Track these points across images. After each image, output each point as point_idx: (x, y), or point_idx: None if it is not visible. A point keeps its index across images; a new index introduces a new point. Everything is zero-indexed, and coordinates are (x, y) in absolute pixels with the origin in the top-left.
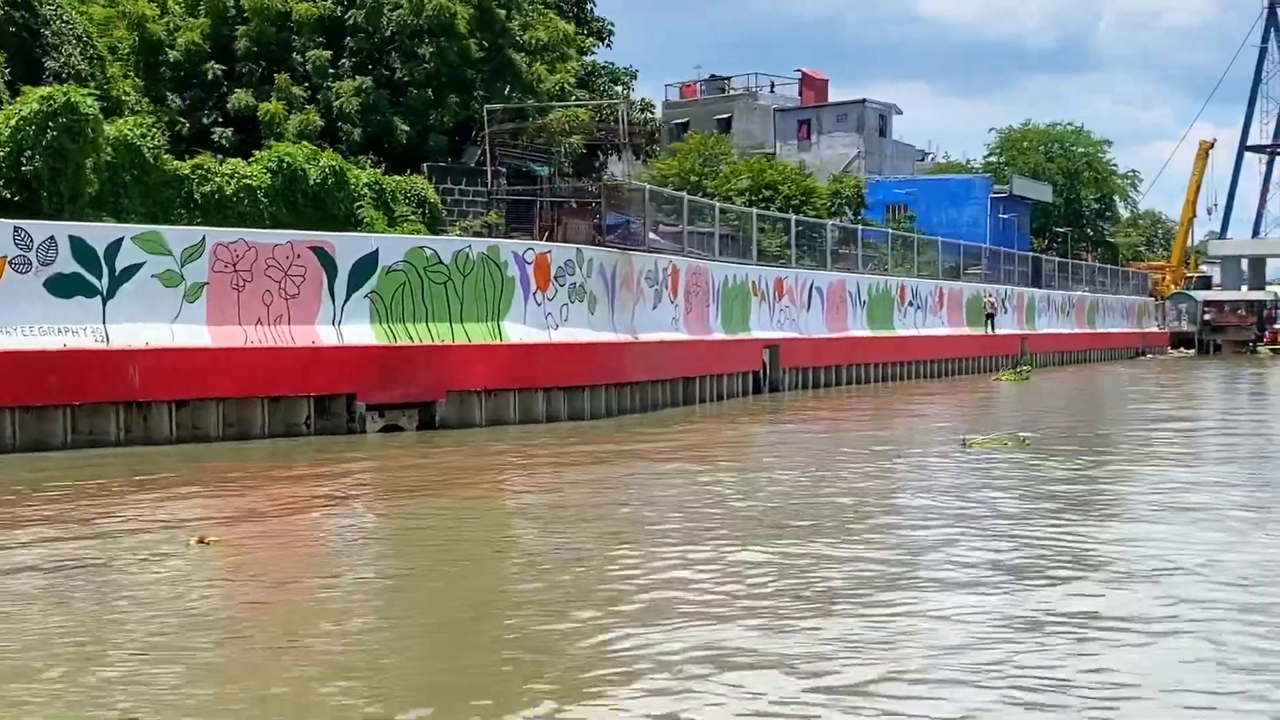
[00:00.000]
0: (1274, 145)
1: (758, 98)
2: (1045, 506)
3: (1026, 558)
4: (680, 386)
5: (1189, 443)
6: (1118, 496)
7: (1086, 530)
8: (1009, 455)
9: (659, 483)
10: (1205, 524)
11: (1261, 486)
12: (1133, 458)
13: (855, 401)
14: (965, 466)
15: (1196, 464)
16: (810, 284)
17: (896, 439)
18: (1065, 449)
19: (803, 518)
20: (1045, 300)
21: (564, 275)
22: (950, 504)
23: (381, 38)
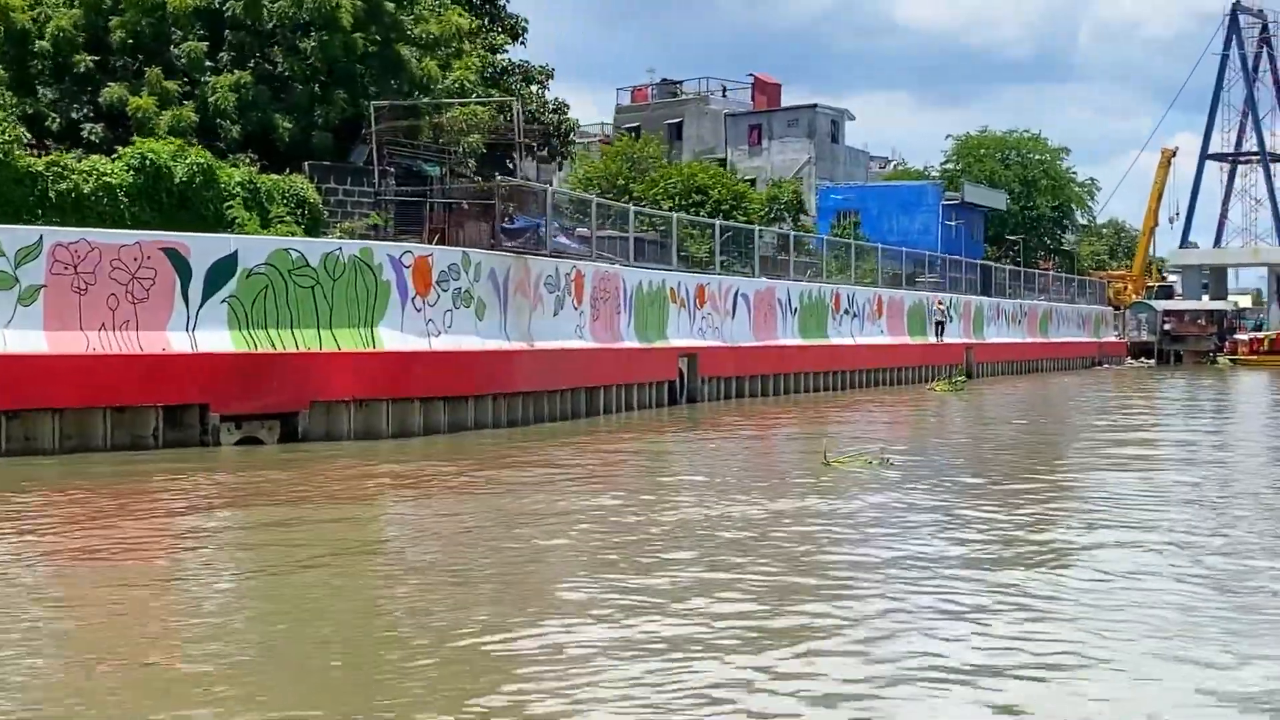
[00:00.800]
0: (1236, 154)
1: (709, 102)
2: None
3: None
4: (584, 397)
5: (1082, 480)
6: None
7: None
8: (856, 477)
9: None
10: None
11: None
12: (985, 495)
13: (768, 413)
14: (794, 493)
15: (1078, 509)
16: (736, 291)
17: (767, 456)
18: (927, 474)
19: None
20: (994, 309)
21: (447, 280)
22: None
23: (263, 31)
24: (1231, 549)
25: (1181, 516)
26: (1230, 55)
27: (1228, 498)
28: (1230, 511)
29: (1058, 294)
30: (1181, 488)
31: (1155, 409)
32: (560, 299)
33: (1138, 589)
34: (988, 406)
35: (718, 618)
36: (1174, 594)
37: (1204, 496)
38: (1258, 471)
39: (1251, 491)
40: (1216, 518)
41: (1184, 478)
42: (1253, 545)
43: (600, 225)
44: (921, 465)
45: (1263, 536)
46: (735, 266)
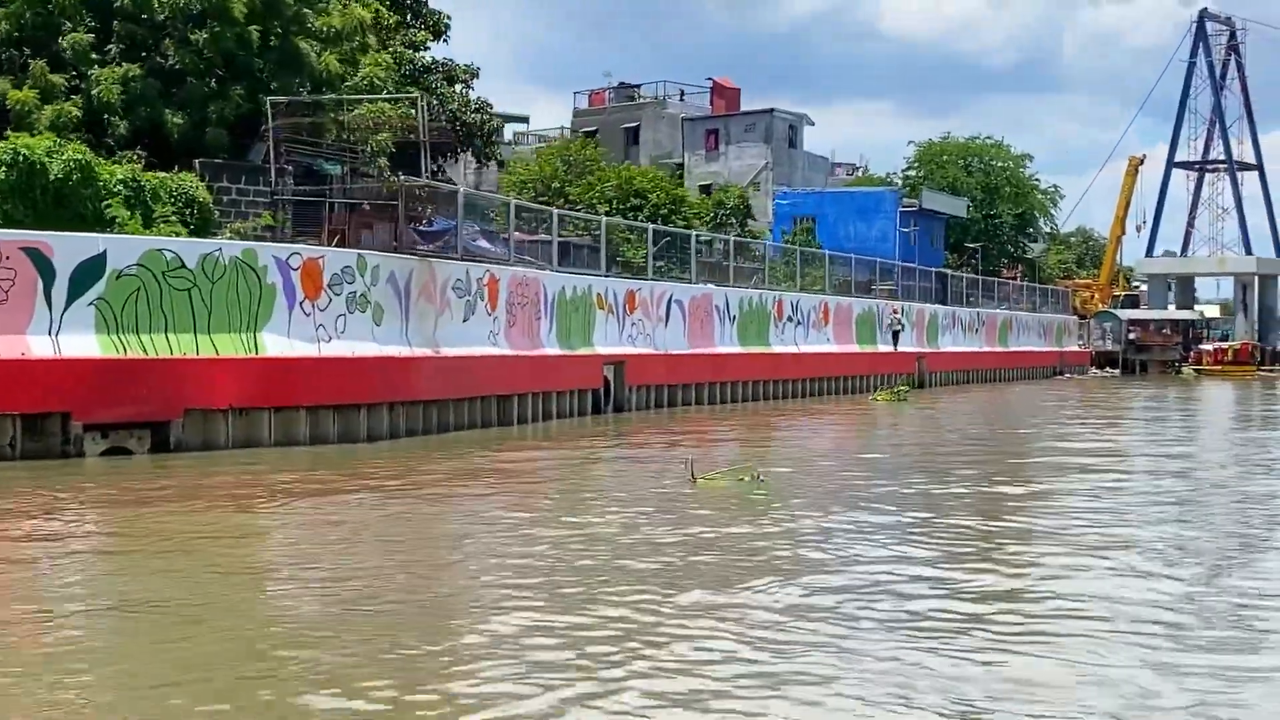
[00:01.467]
0: (1203, 162)
1: (666, 106)
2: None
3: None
4: (496, 405)
5: (967, 506)
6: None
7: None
8: (721, 497)
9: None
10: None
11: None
12: (835, 527)
13: (691, 423)
14: (634, 515)
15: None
16: (669, 297)
17: (636, 472)
18: (795, 496)
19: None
20: (950, 317)
21: (341, 283)
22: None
23: (155, 23)
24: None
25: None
26: (1197, 63)
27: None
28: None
29: (1019, 303)
30: (1074, 524)
31: (1093, 420)
32: (471, 304)
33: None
34: (922, 418)
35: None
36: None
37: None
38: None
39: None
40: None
41: (1066, 518)
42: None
43: (533, 229)
44: (798, 485)
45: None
46: (675, 272)
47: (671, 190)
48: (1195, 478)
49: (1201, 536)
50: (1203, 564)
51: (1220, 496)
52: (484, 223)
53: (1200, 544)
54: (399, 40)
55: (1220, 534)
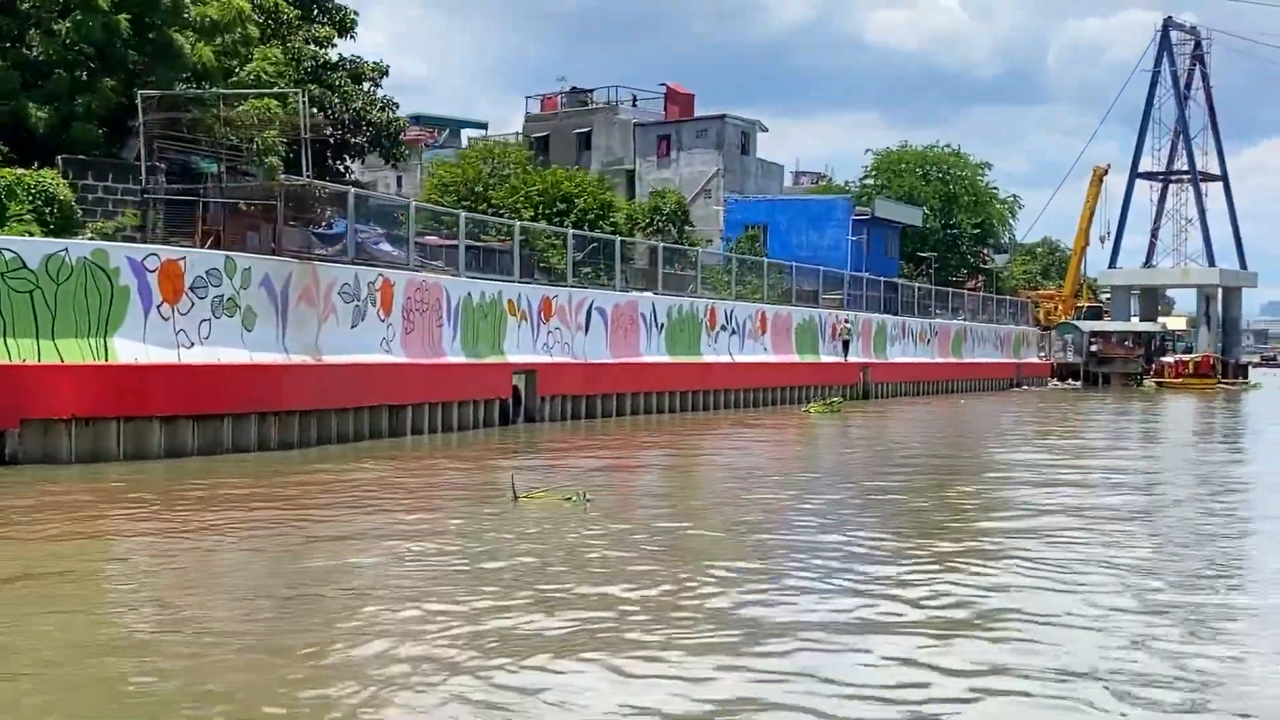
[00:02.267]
0: (1167, 173)
1: (618, 111)
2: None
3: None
4: (388, 416)
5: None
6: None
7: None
8: (537, 518)
9: None
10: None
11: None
12: (642, 553)
13: (596, 436)
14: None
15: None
16: (590, 304)
17: (482, 485)
18: (619, 519)
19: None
20: (899, 327)
21: (205, 286)
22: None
23: (19, 12)
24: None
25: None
26: (1161, 72)
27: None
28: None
29: (975, 313)
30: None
31: (1016, 436)
32: (361, 309)
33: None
34: (845, 432)
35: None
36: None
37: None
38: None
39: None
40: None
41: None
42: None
43: (449, 235)
44: (637, 506)
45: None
46: (602, 279)
47: (599, 195)
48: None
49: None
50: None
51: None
52: (391, 226)
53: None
54: (301, 35)
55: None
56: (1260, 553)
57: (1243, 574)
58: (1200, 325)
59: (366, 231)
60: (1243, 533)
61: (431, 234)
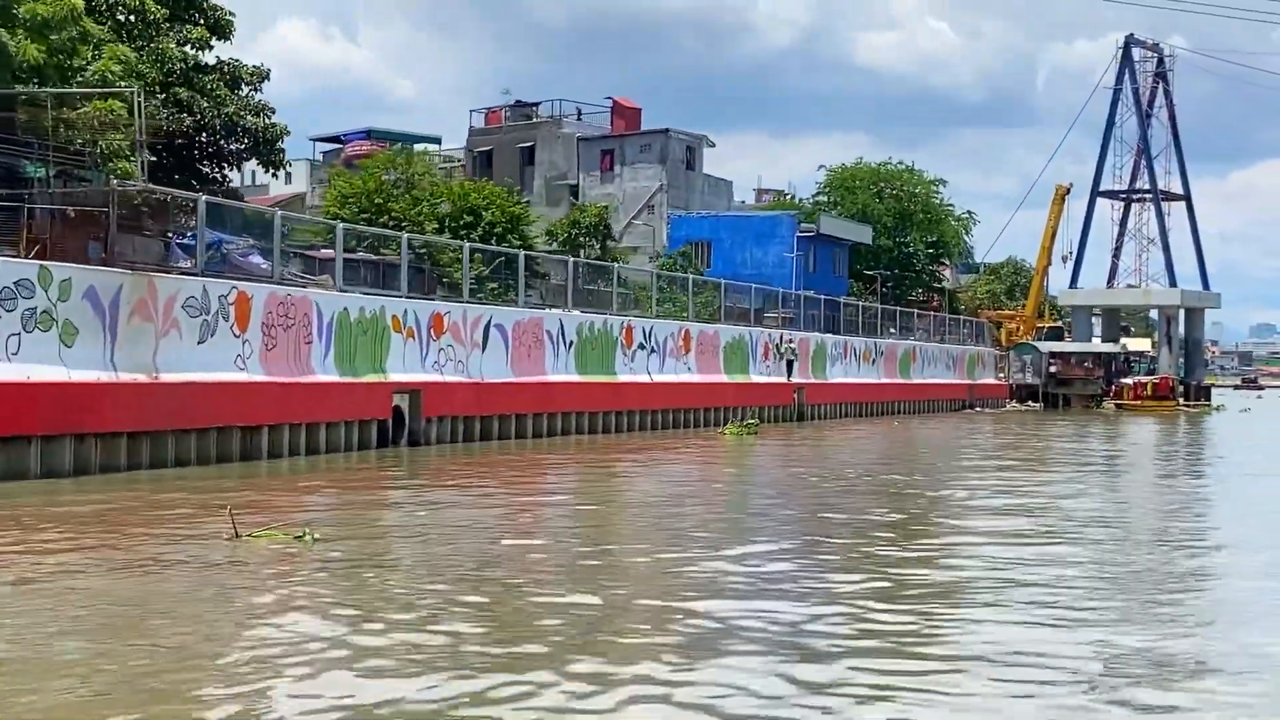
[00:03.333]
0: (1129, 192)
1: (562, 125)
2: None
3: None
4: (240, 438)
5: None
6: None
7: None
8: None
9: None
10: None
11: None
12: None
13: (473, 461)
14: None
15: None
16: (488, 321)
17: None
18: (339, 561)
19: None
20: (840, 347)
21: (14, 298)
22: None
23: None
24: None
25: None
26: (1123, 90)
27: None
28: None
29: (927, 333)
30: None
31: (937, 463)
32: (210, 325)
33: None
34: (741, 458)
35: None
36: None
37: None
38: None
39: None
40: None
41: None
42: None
43: (351, 248)
44: (371, 550)
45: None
46: (509, 294)
47: (508, 207)
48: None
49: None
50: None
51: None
52: (264, 237)
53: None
54: (172, 37)
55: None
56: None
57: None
58: (1161, 346)
59: (233, 243)
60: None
61: (327, 247)
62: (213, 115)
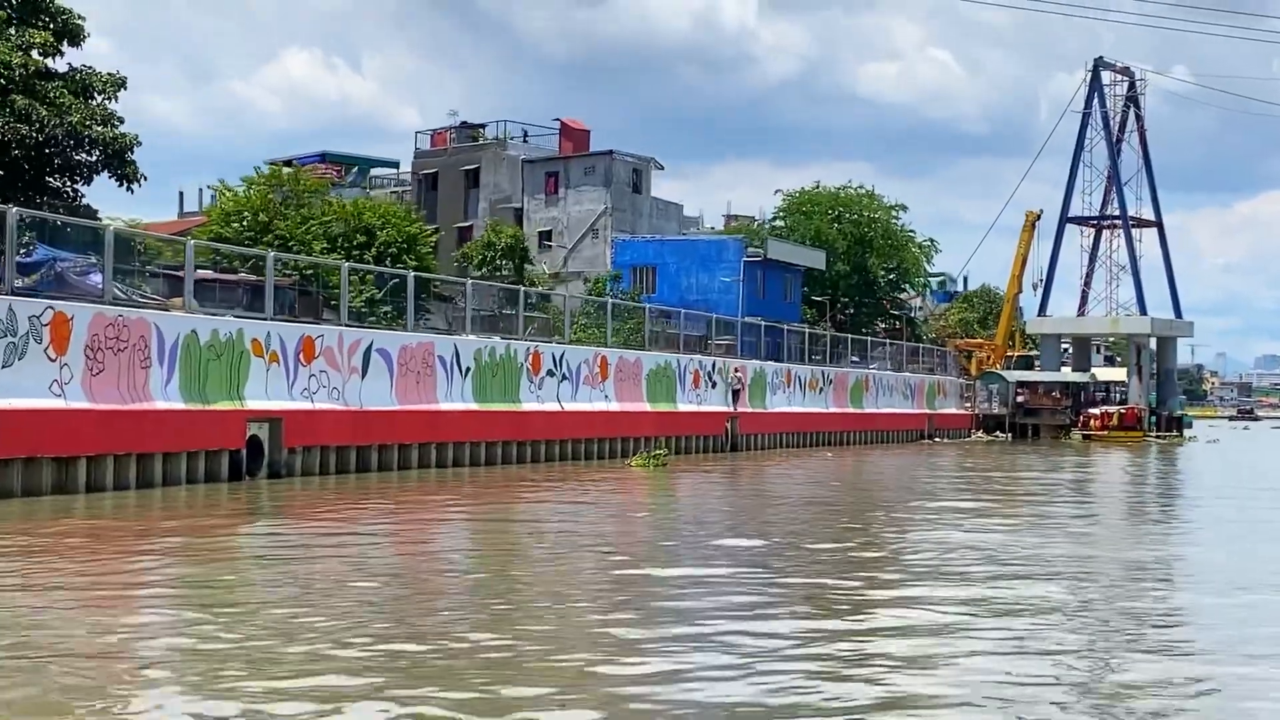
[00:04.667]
0: (1099, 218)
1: (507, 147)
2: None
3: None
4: (53, 470)
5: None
6: None
7: None
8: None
9: None
10: None
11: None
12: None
13: (311, 496)
14: None
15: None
16: (368, 345)
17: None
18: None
19: None
20: (782, 374)
21: None
22: None
23: None
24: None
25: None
26: (1092, 113)
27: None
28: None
29: (885, 361)
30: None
31: (860, 500)
32: (18, 347)
33: None
34: (632, 494)
35: None
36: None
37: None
38: None
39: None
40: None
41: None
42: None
43: (228, 269)
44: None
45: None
46: (397, 319)
47: (405, 227)
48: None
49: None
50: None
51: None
52: (128, 258)
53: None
54: (13, 41)
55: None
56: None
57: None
58: (1131, 376)
59: (68, 260)
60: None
61: (205, 267)
62: (55, 125)
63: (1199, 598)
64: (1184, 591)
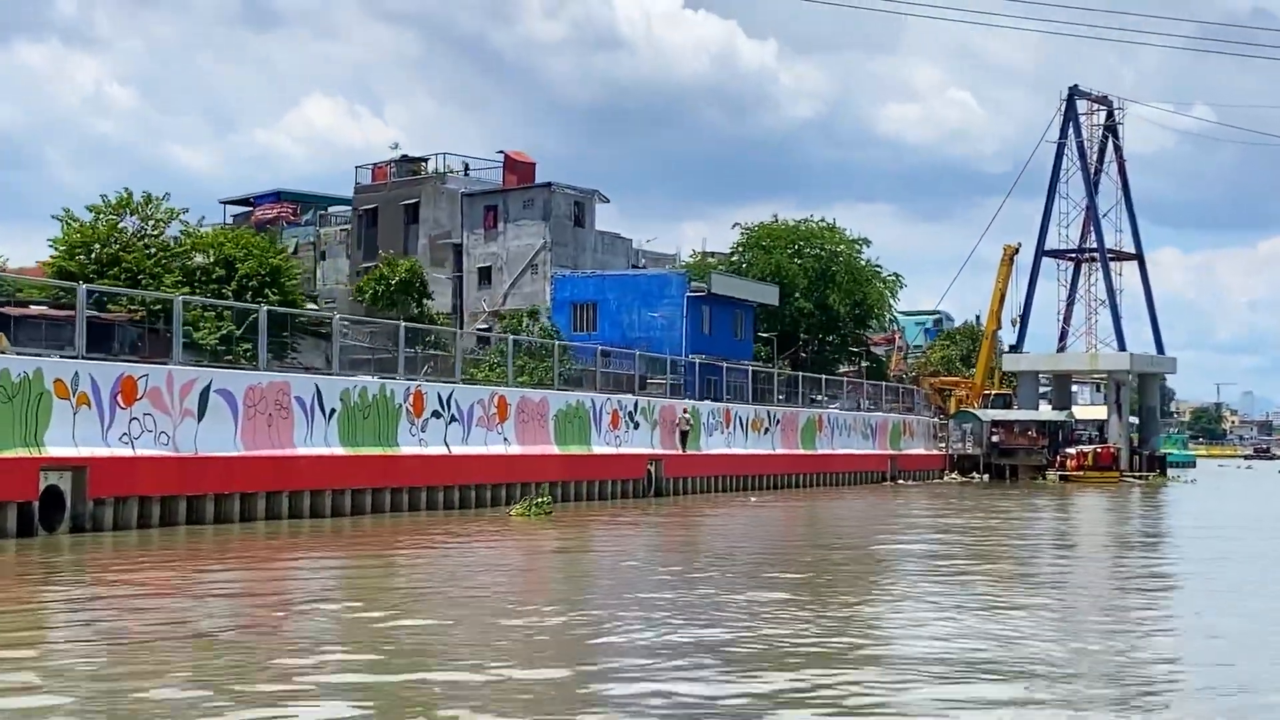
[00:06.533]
0: (1078, 250)
1: (446, 181)
2: None
3: None
4: None
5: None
6: None
7: None
8: None
9: None
10: None
11: None
12: None
13: (100, 557)
14: None
15: None
16: (206, 386)
17: None
18: None
19: None
20: (720, 414)
21: None
22: None
23: None
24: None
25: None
26: (1068, 143)
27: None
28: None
29: (848, 400)
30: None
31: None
32: None
33: None
34: (475, 552)
35: None
36: None
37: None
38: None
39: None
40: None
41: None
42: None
43: (61, 305)
44: None
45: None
46: (270, 358)
47: (267, 259)
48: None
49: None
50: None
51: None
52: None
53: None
54: None
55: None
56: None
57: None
58: (1110, 414)
59: None
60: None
61: (41, 304)
62: None
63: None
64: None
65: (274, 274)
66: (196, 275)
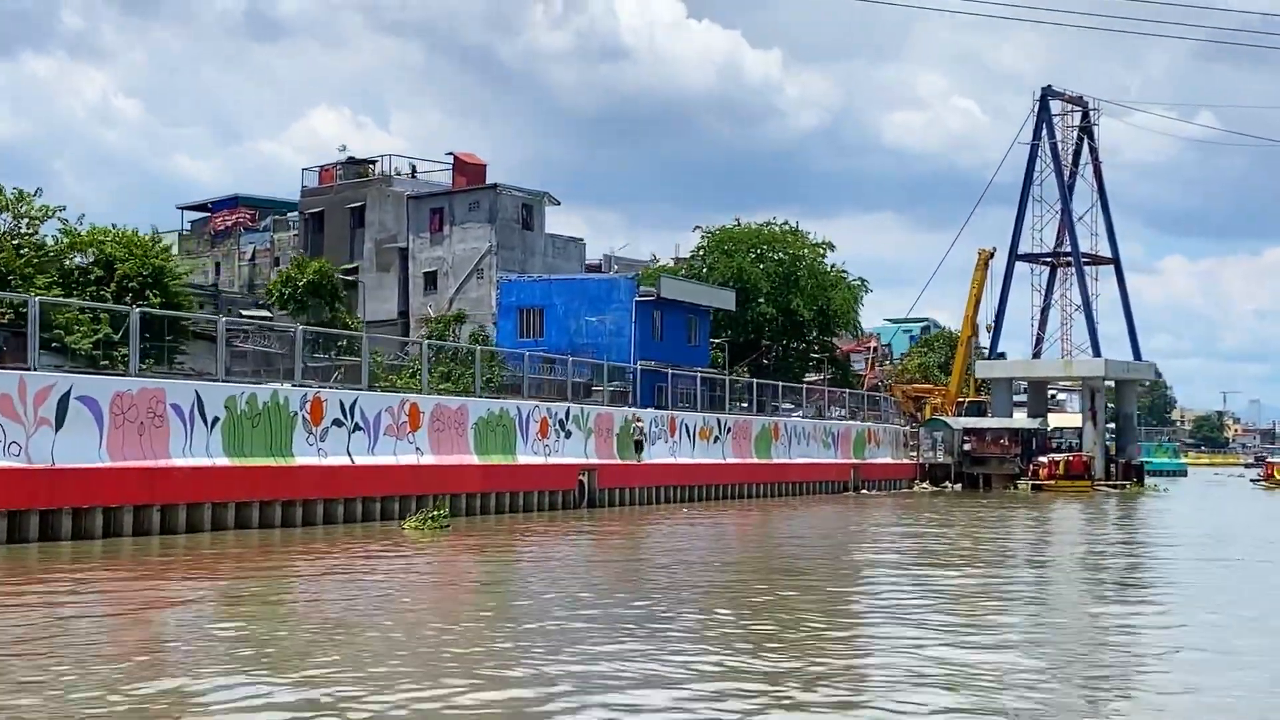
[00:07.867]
0: (1054, 254)
1: (392, 183)
2: None
3: None
4: None
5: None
6: None
7: None
8: None
9: None
10: None
11: None
12: None
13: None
14: None
15: None
16: (65, 393)
17: None
18: None
19: None
20: (664, 422)
21: None
22: None
23: None
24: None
25: None
26: (1041, 145)
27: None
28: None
29: (809, 406)
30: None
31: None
32: None
33: None
34: (317, 578)
35: None
36: None
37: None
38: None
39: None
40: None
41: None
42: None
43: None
44: None
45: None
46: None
47: (149, 259)
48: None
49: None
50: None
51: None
52: None
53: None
54: None
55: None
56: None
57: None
58: (1085, 421)
59: None
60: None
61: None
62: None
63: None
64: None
65: (157, 275)
66: (74, 276)
